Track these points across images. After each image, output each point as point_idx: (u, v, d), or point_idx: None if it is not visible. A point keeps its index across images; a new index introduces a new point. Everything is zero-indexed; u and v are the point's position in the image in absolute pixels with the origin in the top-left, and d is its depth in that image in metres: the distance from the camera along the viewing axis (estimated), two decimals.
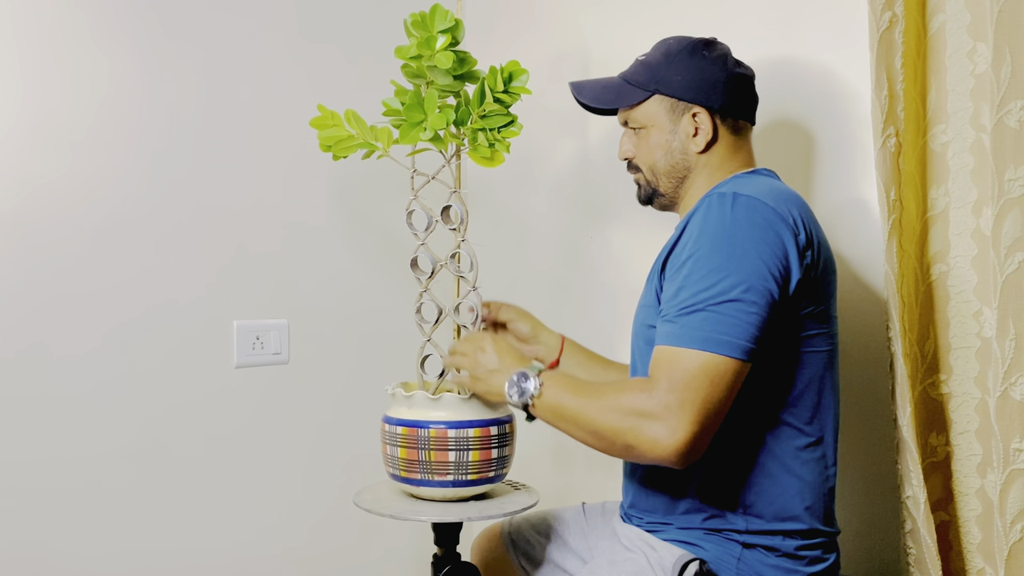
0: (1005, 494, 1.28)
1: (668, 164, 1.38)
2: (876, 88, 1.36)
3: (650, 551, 1.27)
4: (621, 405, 1.16)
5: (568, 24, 2.03)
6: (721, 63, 1.36)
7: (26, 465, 1.67)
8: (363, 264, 2.07)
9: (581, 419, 1.21)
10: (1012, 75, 1.23)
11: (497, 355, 1.33)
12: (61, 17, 1.69)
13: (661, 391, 1.13)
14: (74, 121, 1.71)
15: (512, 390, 1.27)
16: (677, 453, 1.12)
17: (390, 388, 1.44)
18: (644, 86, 1.38)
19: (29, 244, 1.67)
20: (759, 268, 1.16)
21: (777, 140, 1.65)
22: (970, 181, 1.37)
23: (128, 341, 1.77)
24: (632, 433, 1.14)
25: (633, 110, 1.40)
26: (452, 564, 1.42)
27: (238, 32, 1.90)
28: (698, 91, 1.35)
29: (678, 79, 1.36)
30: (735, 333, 1.13)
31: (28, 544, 1.67)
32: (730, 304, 1.14)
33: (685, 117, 1.36)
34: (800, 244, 1.20)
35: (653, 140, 1.38)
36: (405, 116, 1.40)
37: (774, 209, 1.19)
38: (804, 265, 1.20)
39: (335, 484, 1.98)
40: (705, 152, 1.36)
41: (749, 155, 1.41)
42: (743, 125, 1.39)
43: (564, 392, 1.24)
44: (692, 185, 1.38)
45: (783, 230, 1.19)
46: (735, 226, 1.18)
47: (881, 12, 1.35)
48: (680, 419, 1.11)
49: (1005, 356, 1.26)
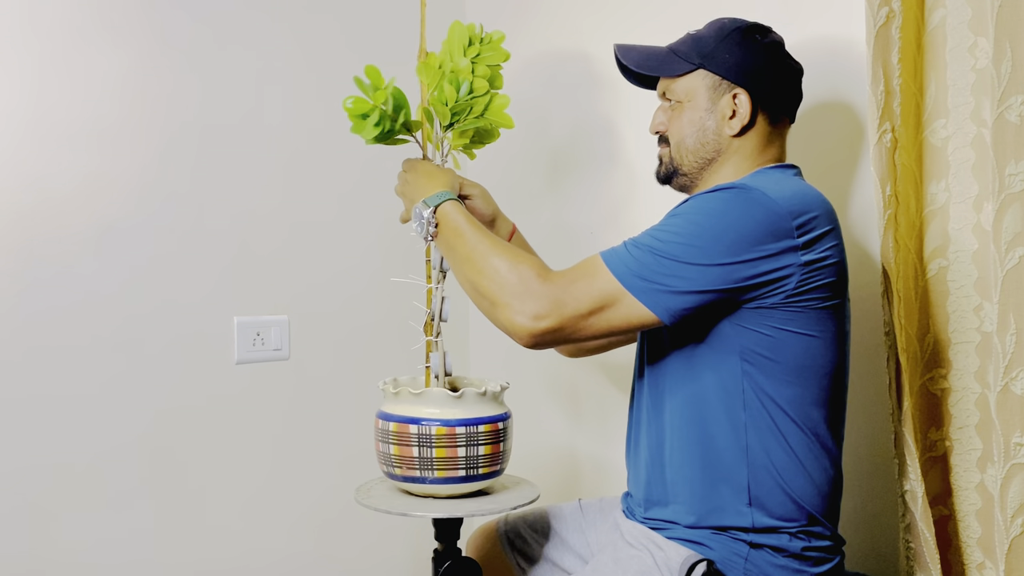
0: (1006, 488, 1.28)
1: (698, 143, 1.35)
2: (872, 83, 1.36)
3: (656, 550, 1.26)
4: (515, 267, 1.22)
5: (568, 26, 2.03)
6: (773, 51, 1.34)
7: (25, 462, 1.67)
8: (364, 260, 2.07)
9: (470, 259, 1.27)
10: (1013, 70, 1.23)
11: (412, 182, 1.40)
12: (63, 17, 1.69)
13: (552, 280, 1.20)
14: (76, 120, 1.71)
15: (416, 222, 1.34)
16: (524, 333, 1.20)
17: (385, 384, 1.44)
18: (690, 59, 1.34)
19: (32, 241, 1.67)
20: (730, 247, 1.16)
21: None
22: (971, 176, 1.37)
23: (129, 337, 1.77)
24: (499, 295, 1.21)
25: (674, 81, 1.36)
26: (453, 559, 1.42)
27: (240, 30, 1.90)
28: (744, 73, 1.31)
29: (726, 57, 1.32)
30: (667, 291, 1.17)
31: (29, 542, 1.67)
32: (682, 265, 1.16)
33: (725, 97, 1.32)
34: (800, 242, 1.18)
35: (688, 116, 1.35)
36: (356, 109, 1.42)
37: (779, 203, 1.18)
38: (803, 261, 1.19)
39: (335, 480, 1.99)
40: (739, 136, 1.33)
41: (782, 150, 1.37)
42: (782, 119, 1.36)
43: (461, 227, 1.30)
44: (718, 171, 1.35)
45: (780, 227, 1.17)
46: (729, 212, 1.18)
47: (878, 7, 1.35)
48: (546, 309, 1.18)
49: (1006, 350, 1.26)
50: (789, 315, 1.20)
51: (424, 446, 1.35)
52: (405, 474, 1.38)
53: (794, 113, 1.38)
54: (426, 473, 1.36)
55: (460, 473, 1.36)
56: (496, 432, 1.38)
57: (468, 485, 1.39)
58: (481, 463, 1.37)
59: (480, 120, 1.44)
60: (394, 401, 1.40)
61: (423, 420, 1.36)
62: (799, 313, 1.21)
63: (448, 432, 1.35)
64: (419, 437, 1.35)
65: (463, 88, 1.41)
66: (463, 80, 1.41)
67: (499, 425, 1.39)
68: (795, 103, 1.37)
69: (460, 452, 1.35)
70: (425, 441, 1.35)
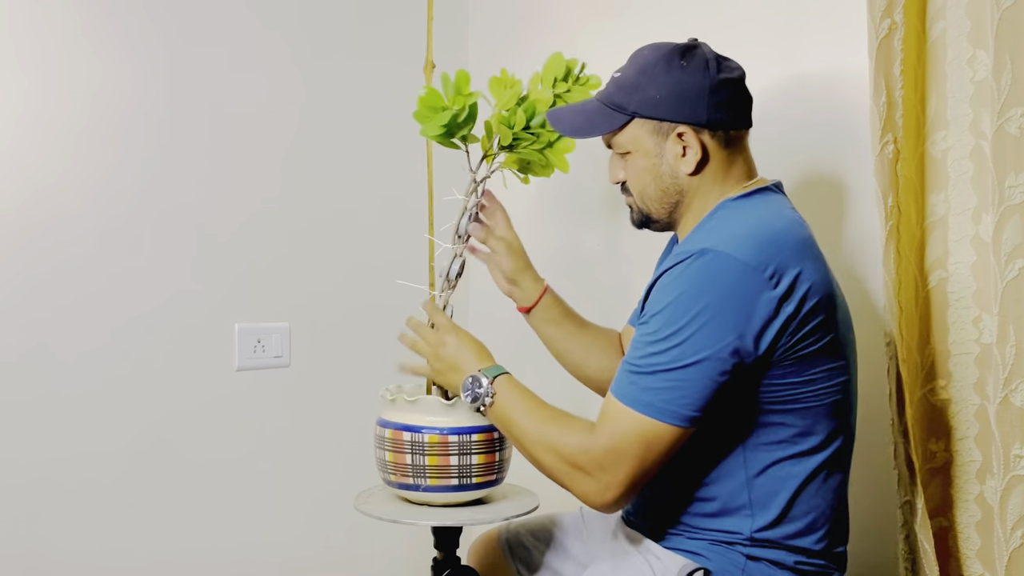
0: (1005, 500, 1.28)
1: (659, 190, 1.29)
2: (875, 95, 1.37)
3: (654, 560, 1.26)
4: (560, 450, 1.19)
5: (569, 35, 2.04)
6: (701, 71, 1.25)
7: (28, 466, 1.67)
8: (365, 268, 2.07)
9: (523, 444, 1.25)
10: (1013, 82, 1.23)
11: (457, 351, 1.35)
12: (65, 18, 1.70)
13: (599, 448, 1.16)
14: (77, 123, 1.72)
15: (466, 393, 1.31)
16: (604, 506, 1.18)
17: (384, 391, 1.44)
18: (622, 109, 1.28)
19: (32, 246, 1.67)
20: (718, 336, 1.12)
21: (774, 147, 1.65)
22: (970, 187, 1.37)
23: (129, 343, 1.77)
24: (566, 479, 1.20)
25: (616, 135, 1.30)
26: (452, 568, 1.41)
27: (241, 32, 1.91)
28: (679, 108, 1.24)
29: (656, 97, 1.25)
30: (680, 402, 1.13)
31: (28, 544, 1.67)
32: (680, 371, 1.13)
33: (670, 138, 1.26)
34: (776, 296, 1.13)
35: (640, 165, 1.29)
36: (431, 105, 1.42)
37: (746, 264, 1.13)
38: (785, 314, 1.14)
39: (336, 487, 1.98)
40: (697, 174, 1.27)
41: (746, 165, 1.31)
42: (735, 135, 1.28)
43: (513, 409, 1.27)
44: (688, 209, 1.30)
45: (753, 287, 1.13)
46: (701, 290, 1.13)
47: (880, 19, 1.36)
48: (612, 478, 1.15)
49: (1006, 362, 1.26)
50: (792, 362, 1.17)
51: (417, 453, 1.35)
52: (400, 481, 1.38)
53: (746, 120, 1.30)
54: (419, 481, 1.36)
55: (453, 482, 1.36)
56: (491, 442, 1.38)
57: (462, 494, 1.38)
58: (475, 472, 1.37)
59: (538, 154, 1.44)
60: (390, 408, 1.41)
61: (416, 428, 1.36)
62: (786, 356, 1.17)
63: (440, 440, 1.35)
64: (411, 444, 1.36)
65: (536, 120, 1.42)
66: (540, 112, 1.42)
67: (494, 435, 1.38)
68: (744, 113, 1.29)
69: (453, 461, 1.35)
70: (418, 448, 1.35)
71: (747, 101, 1.30)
